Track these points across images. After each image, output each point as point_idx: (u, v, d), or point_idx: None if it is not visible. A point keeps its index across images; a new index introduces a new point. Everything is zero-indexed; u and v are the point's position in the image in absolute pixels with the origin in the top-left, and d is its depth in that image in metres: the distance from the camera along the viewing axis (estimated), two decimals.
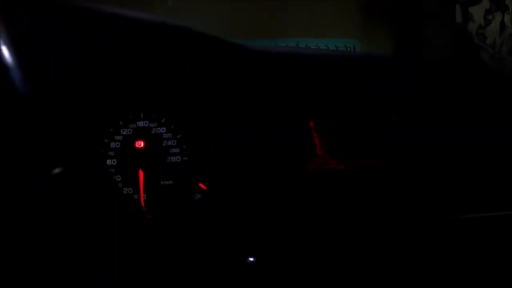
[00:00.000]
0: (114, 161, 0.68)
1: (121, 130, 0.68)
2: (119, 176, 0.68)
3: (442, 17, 1.79)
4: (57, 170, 0.65)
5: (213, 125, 0.69)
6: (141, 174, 0.66)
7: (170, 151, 0.67)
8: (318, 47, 1.77)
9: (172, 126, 0.68)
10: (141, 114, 0.68)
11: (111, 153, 0.68)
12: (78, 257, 0.67)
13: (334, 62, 0.76)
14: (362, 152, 0.69)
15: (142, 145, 0.68)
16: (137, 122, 0.68)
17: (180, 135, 0.67)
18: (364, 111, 0.72)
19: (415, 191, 0.71)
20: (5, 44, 0.63)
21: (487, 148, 0.74)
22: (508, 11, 1.70)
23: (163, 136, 0.68)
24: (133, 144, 0.68)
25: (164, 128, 0.68)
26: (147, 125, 0.68)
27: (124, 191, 0.67)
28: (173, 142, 0.68)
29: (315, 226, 0.68)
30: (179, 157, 0.67)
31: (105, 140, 0.68)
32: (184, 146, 0.67)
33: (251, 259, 0.63)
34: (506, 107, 0.78)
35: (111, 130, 0.68)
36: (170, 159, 0.67)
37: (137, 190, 0.67)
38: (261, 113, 0.69)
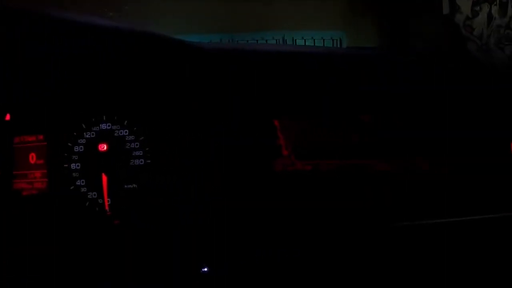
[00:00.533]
0: (78, 165, 0.68)
1: (85, 133, 0.68)
2: (83, 180, 0.67)
3: (429, 8, 1.79)
4: None
5: (180, 126, 0.68)
6: (104, 178, 0.66)
7: (133, 154, 0.67)
8: (305, 39, 1.76)
9: (135, 128, 0.67)
10: (104, 116, 0.68)
11: (75, 157, 0.68)
12: (47, 263, 0.67)
13: (302, 59, 0.75)
14: (329, 152, 0.69)
15: (105, 148, 0.67)
16: (100, 125, 0.68)
17: (143, 137, 0.67)
18: (334, 110, 0.72)
19: (388, 191, 0.71)
20: None
21: (475, 148, 0.74)
22: (495, 3, 1.70)
23: (126, 139, 0.67)
24: (97, 147, 0.68)
25: (127, 130, 0.67)
26: (110, 127, 0.68)
27: (88, 196, 0.67)
28: (136, 145, 0.67)
29: (283, 228, 0.68)
30: (142, 160, 0.67)
31: (69, 144, 0.68)
32: (147, 149, 0.67)
33: (205, 269, 0.63)
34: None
35: (75, 133, 0.68)
36: (134, 162, 0.67)
37: (101, 195, 0.67)
38: (227, 113, 0.69)
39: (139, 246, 0.67)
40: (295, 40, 1.77)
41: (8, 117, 0.71)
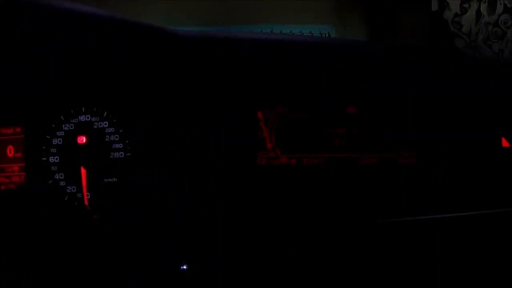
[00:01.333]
0: (56, 158, 0.67)
1: (63, 126, 0.67)
2: (62, 174, 0.67)
3: (418, 4, 1.80)
4: None
5: (161, 120, 0.68)
6: (83, 171, 0.66)
7: (113, 147, 0.67)
8: (293, 33, 1.77)
9: (114, 120, 0.67)
10: (83, 108, 0.67)
11: (53, 150, 0.67)
12: (24, 259, 0.66)
13: (296, 50, 0.74)
14: (314, 146, 0.69)
15: (84, 140, 0.67)
16: (79, 117, 0.67)
17: (122, 130, 0.67)
18: (320, 103, 0.72)
19: (373, 185, 0.71)
20: None
21: (469, 148, 0.75)
22: (484, 0, 1.72)
23: (106, 131, 0.67)
24: (75, 139, 0.67)
25: (107, 122, 0.67)
26: (89, 119, 0.67)
27: (68, 190, 0.67)
28: (116, 137, 0.67)
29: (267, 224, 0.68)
30: (122, 152, 0.66)
31: (47, 137, 0.67)
32: (127, 141, 0.66)
33: (184, 267, 0.63)
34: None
35: (53, 125, 0.67)
36: (113, 155, 0.66)
37: (80, 189, 0.66)
38: (219, 109, 0.68)
39: (120, 242, 0.66)
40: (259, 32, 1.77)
41: None
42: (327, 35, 1.84)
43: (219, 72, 0.67)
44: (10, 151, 0.69)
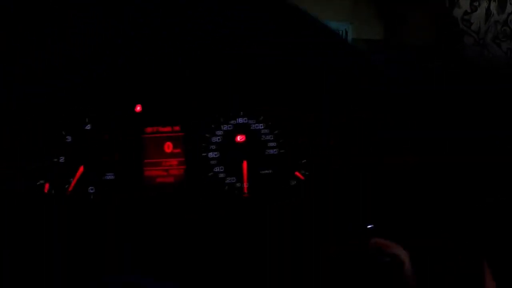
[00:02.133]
0: (216, 154, 0.82)
1: (222, 126, 0.82)
2: (222, 167, 0.82)
3: (430, 3, 1.94)
4: None
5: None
6: (245, 164, 0.81)
7: (268, 145, 0.82)
8: None
9: (270, 123, 0.82)
10: (241, 112, 0.82)
11: (213, 147, 0.82)
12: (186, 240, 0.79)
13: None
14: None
15: (243, 139, 0.82)
16: (237, 119, 0.82)
17: (277, 131, 0.82)
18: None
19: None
20: None
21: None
22: None
23: (262, 132, 0.82)
24: (234, 138, 0.82)
25: (262, 125, 0.82)
26: (247, 121, 0.82)
27: (227, 181, 0.82)
28: (271, 137, 0.82)
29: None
30: (276, 150, 0.82)
31: (207, 135, 0.82)
32: (281, 141, 0.82)
33: (370, 226, 0.77)
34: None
35: (212, 126, 0.82)
36: (269, 152, 0.82)
37: (240, 179, 0.81)
38: None
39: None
40: None
41: (139, 108, 0.83)
42: (344, 32, 1.98)
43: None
44: (169, 147, 0.83)
